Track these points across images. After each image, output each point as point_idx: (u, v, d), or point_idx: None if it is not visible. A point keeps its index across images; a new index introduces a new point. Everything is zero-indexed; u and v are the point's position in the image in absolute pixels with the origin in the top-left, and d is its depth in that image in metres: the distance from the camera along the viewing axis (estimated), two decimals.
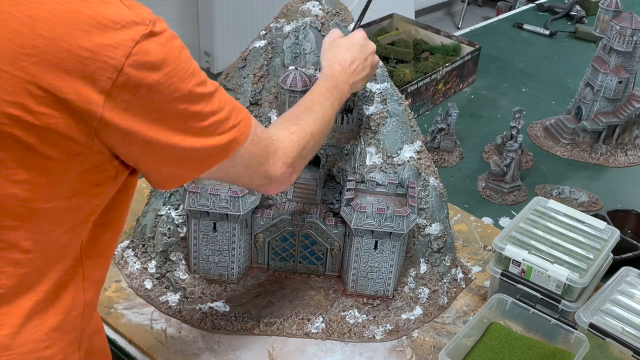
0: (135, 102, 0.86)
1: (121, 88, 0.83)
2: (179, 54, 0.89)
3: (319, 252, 1.53)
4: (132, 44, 0.83)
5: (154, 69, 0.85)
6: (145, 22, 0.85)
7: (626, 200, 2.00)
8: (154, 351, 1.39)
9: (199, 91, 0.92)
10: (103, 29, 0.82)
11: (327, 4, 1.52)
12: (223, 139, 0.97)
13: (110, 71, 0.82)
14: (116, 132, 0.86)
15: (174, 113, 0.90)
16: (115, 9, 0.84)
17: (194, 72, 0.91)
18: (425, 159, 1.56)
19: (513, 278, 1.49)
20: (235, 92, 1.52)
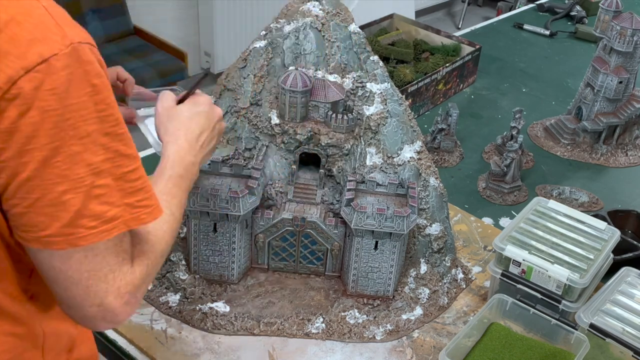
0: (21, 125, 0.77)
1: (10, 102, 0.76)
2: (91, 91, 0.80)
3: (319, 252, 1.53)
4: (37, 58, 0.76)
5: (54, 94, 0.77)
6: (65, 43, 0.78)
7: (626, 200, 2.00)
8: (154, 351, 1.39)
9: (105, 141, 0.82)
10: (12, 35, 0.76)
11: (327, 4, 1.52)
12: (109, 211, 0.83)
13: (2, 80, 0.75)
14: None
15: (64, 153, 0.79)
16: (37, 19, 0.78)
17: (106, 119, 0.81)
18: (425, 159, 1.56)
19: (513, 278, 1.49)
20: (235, 92, 1.52)
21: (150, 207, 0.89)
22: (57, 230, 0.82)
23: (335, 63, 1.50)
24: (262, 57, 1.51)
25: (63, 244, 0.83)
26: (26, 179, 0.79)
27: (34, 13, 0.78)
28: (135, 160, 0.87)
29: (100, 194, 0.83)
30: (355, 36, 1.53)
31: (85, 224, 0.83)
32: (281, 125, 1.47)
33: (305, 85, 1.43)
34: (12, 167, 0.79)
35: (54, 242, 0.83)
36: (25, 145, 0.78)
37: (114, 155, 0.83)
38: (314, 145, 1.48)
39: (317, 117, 1.48)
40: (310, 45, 1.49)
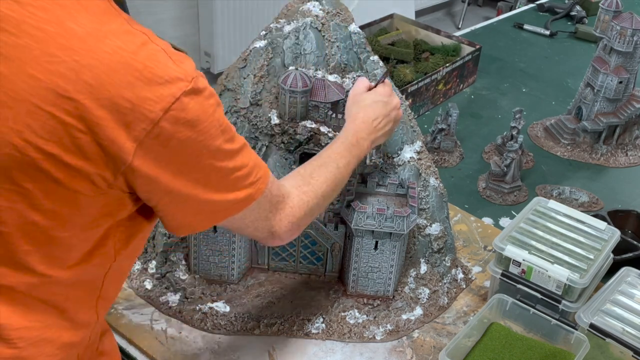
0: (164, 153, 0.88)
1: (153, 139, 0.86)
2: (213, 111, 0.91)
3: (319, 252, 1.53)
4: (171, 99, 0.86)
5: (188, 125, 0.88)
6: (187, 79, 0.88)
7: (626, 200, 2.00)
8: (154, 351, 1.39)
9: (226, 148, 0.95)
10: (147, 82, 0.84)
11: (327, 4, 1.52)
12: (240, 194, 1.00)
13: (146, 122, 0.85)
14: (141, 178, 0.89)
15: (199, 167, 0.93)
16: (162, 63, 0.87)
17: (224, 129, 0.94)
18: (425, 159, 1.56)
19: (513, 278, 1.49)
20: (235, 92, 1.52)
21: (262, 175, 1.03)
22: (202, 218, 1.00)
23: (335, 63, 1.50)
24: (262, 57, 1.51)
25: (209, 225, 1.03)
26: (175, 192, 0.93)
27: (158, 57, 0.87)
28: (244, 146, 1.00)
29: (233, 185, 0.98)
30: (355, 36, 1.53)
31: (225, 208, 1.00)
32: (281, 125, 1.47)
33: (305, 85, 1.43)
34: (162, 188, 0.92)
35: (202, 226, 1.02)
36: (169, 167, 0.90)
37: (234, 154, 0.97)
38: (314, 145, 1.48)
39: (317, 117, 1.48)
40: (310, 45, 1.49)
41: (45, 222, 0.88)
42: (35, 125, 0.82)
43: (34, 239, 0.89)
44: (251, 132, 1.50)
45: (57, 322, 0.96)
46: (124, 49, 0.84)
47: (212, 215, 1.01)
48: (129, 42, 0.86)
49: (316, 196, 1.17)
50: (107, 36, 0.84)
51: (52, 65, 0.82)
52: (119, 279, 1.06)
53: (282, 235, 1.13)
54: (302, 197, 1.15)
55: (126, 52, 0.84)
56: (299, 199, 1.14)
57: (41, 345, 0.94)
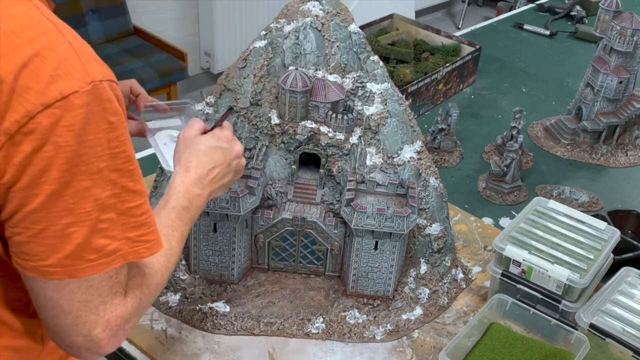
0: (35, 159, 0.77)
1: (26, 136, 0.76)
2: (107, 128, 0.80)
3: (319, 252, 1.53)
4: (57, 95, 0.76)
5: (70, 131, 0.77)
6: (86, 80, 0.78)
7: (626, 200, 2.00)
8: (154, 351, 1.39)
9: (114, 178, 0.82)
10: (34, 71, 0.76)
11: (327, 4, 1.52)
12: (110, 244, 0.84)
13: (21, 114, 0.76)
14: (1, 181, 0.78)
15: (73, 188, 0.80)
16: (61, 55, 0.78)
17: (118, 156, 0.82)
18: (425, 159, 1.56)
19: (513, 278, 1.49)
20: (235, 92, 1.52)
21: (151, 242, 0.89)
22: (57, 261, 0.82)
23: (335, 63, 1.50)
24: (262, 57, 1.51)
25: (61, 275, 0.83)
26: (33, 210, 0.80)
27: (58, 49, 0.78)
28: (142, 195, 0.87)
29: (104, 228, 0.83)
30: (355, 36, 1.53)
31: (85, 256, 0.83)
32: (281, 125, 1.47)
33: (305, 85, 1.43)
34: (20, 198, 0.79)
35: (52, 272, 0.83)
36: (36, 179, 0.78)
37: (121, 191, 0.84)
38: (314, 145, 1.49)
39: (317, 117, 1.48)
40: (310, 45, 1.49)
41: None
42: None
43: None
44: (251, 132, 1.51)
45: None
46: (18, 34, 0.77)
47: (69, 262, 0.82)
48: (27, 28, 0.78)
49: (150, 292, 0.96)
50: (2, 19, 0.77)
51: None
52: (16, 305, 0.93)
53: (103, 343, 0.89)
54: (135, 294, 0.93)
55: (19, 37, 0.77)
56: (132, 295, 0.92)
57: None
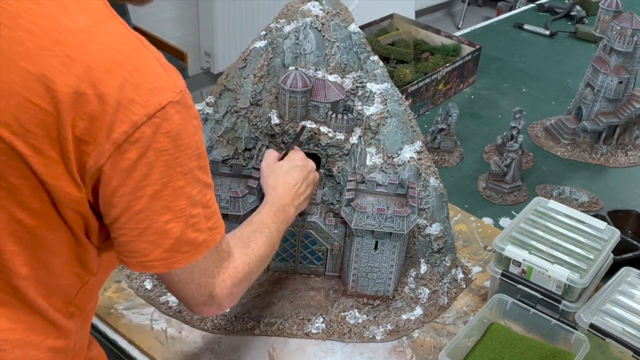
0: (139, 165, 0.86)
1: (132, 144, 0.84)
2: (194, 132, 0.90)
3: (319, 252, 1.53)
4: (157, 106, 0.85)
5: (168, 136, 0.86)
6: (176, 90, 0.87)
7: (626, 200, 2.00)
8: (154, 351, 1.39)
9: (199, 175, 0.92)
10: (136, 85, 0.84)
11: (327, 4, 1.52)
12: (199, 237, 0.95)
13: (128, 125, 0.83)
14: (108, 185, 0.86)
15: (171, 187, 0.89)
16: (153, 70, 0.86)
17: (201, 155, 0.92)
18: (425, 159, 1.56)
19: (513, 278, 1.49)
20: (235, 92, 1.52)
21: (220, 225, 0.99)
22: (157, 256, 0.93)
23: (335, 63, 1.50)
24: (262, 57, 1.51)
25: (161, 268, 0.94)
26: (137, 211, 0.88)
27: (150, 64, 0.86)
28: (212, 187, 0.97)
29: (195, 222, 0.93)
30: (355, 36, 1.53)
31: (181, 249, 0.93)
32: (281, 125, 1.47)
33: (305, 85, 1.43)
34: (125, 201, 0.88)
35: (154, 266, 0.94)
36: (140, 182, 0.87)
37: (203, 186, 0.94)
38: (314, 145, 1.49)
39: (317, 117, 1.48)
40: (310, 45, 1.49)
41: (30, 221, 0.88)
42: (24, 118, 0.82)
43: (20, 238, 0.88)
44: (251, 132, 1.50)
45: (41, 326, 0.95)
46: (117, 50, 0.84)
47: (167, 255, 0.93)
48: (123, 44, 0.85)
49: (256, 259, 1.12)
50: (101, 35, 0.84)
51: (43, 58, 0.81)
52: (93, 292, 1.04)
53: (222, 300, 1.04)
54: (244, 259, 1.09)
55: (119, 53, 0.84)
56: (241, 259, 1.08)
57: (26, 348, 0.94)
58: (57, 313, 0.97)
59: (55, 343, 0.98)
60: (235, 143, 1.51)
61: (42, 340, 0.96)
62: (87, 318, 1.08)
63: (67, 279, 0.96)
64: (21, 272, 0.90)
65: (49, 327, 0.97)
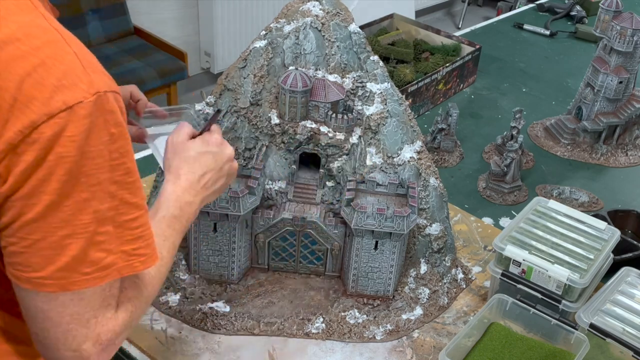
0: (37, 169, 0.77)
1: (29, 145, 0.76)
2: (109, 140, 0.80)
3: (319, 252, 1.53)
4: (62, 106, 0.76)
5: (72, 141, 0.77)
6: (90, 91, 0.78)
7: (626, 200, 2.00)
8: (154, 351, 1.39)
9: (114, 190, 0.82)
10: (38, 80, 0.76)
11: (327, 4, 1.52)
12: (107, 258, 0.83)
13: (24, 124, 0.75)
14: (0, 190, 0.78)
15: (73, 199, 0.79)
16: (66, 65, 0.78)
17: (117, 167, 0.82)
18: (425, 159, 1.56)
19: (513, 278, 1.49)
20: (235, 92, 1.52)
21: (145, 255, 0.88)
22: (51, 274, 0.81)
23: (335, 63, 1.50)
24: (262, 57, 1.51)
25: (54, 287, 0.82)
26: (30, 220, 0.79)
27: (64, 58, 0.78)
28: (139, 208, 0.86)
29: (100, 240, 0.82)
30: (355, 36, 1.53)
31: (80, 269, 0.82)
32: (281, 125, 1.47)
33: (305, 85, 1.43)
34: (18, 207, 0.79)
35: (45, 284, 0.82)
36: (36, 188, 0.78)
37: (119, 203, 0.83)
38: (314, 145, 1.49)
39: (317, 117, 1.48)
40: (310, 45, 1.49)
41: None
42: None
43: None
44: (251, 132, 1.51)
45: None
46: (24, 42, 0.77)
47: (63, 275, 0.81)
48: (33, 36, 0.78)
49: (140, 305, 0.95)
50: (8, 25, 0.78)
51: None
52: None
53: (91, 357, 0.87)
54: (127, 306, 0.92)
55: (25, 45, 0.77)
56: (126, 308, 0.91)
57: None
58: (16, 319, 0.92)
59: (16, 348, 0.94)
60: (235, 143, 1.51)
61: None
62: None
63: None
64: None
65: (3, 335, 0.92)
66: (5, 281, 0.87)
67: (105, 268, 0.84)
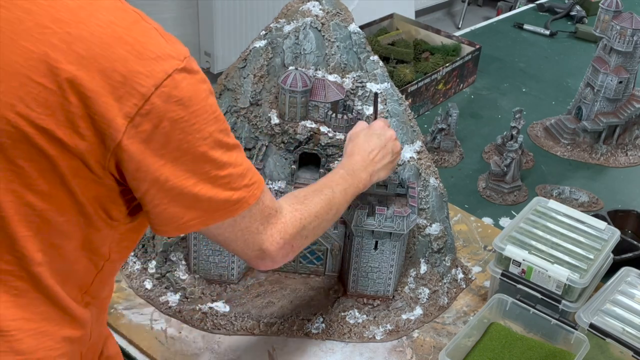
0: (155, 134, 0.86)
1: (144, 116, 0.84)
2: (206, 96, 0.90)
3: (318, 252, 1.53)
4: (163, 75, 0.84)
5: (180, 104, 0.86)
6: (180, 58, 0.87)
7: (626, 200, 2.00)
8: (154, 351, 1.39)
9: (220, 138, 0.92)
10: (138, 56, 0.84)
11: (327, 4, 1.52)
12: (234, 195, 0.95)
13: (137, 97, 0.83)
14: (130, 160, 0.86)
15: (191, 153, 0.89)
16: (154, 40, 0.86)
17: (218, 118, 0.92)
18: (425, 159, 1.56)
19: (513, 278, 1.49)
20: (235, 92, 1.52)
21: (258, 181, 0.99)
22: (193, 216, 0.94)
23: (335, 63, 1.50)
24: (262, 57, 1.51)
25: (198, 226, 0.96)
26: (164, 180, 0.89)
27: (150, 34, 0.86)
28: (238, 146, 0.97)
29: (226, 182, 0.94)
30: (355, 36, 1.53)
31: (217, 207, 0.95)
32: (281, 125, 1.47)
33: (305, 85, 1.43)
34: (151, 174, 0.88)
35: (190, 225, 0.95)
36: (160, 152, 0.87)
37: (227, 149, 0.94)
38: (313, 145, 1.49)
39: (317, 117, 1.48)
40: (310, 45, 1.49)
41: (40, 204, 0.87)
42: (28, 98, 0.81)
43: (31, 222, 0.88)
44: (251, 132, 1.51)
45: (56, 315, 0.95)
46: (116, 24, 0.84)
47: (202, 215, 0.95)
48: (121, 18, 0.85)
49: (309, 215, 1.12)
50: (99, 10, 0.84)
51: (43, 37, 0.81)
52: (107, 279, 1.04)
53: (273, 254, 1.06)
54: (294, 214, 1.10)
55: (118, 26, 0.84)
56: (292, 215, 1.09)
57: (40, 338, 0.93)
58: (73, 302, 0.97)
59: (71, 333, 0.97)
60: None
61: (57, 329, 0.95)
62: (103, 308, 1.07)
63: (81, 265, 0.95)
64: (36, 258, 0.90)
65: (64, 317, 0.96)
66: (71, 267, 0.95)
67: (236, 202, 0.96)
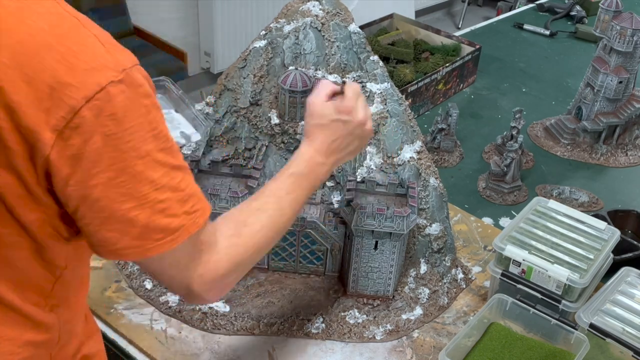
0: (85, 151, 0.80)
1: (74, 130, 0.79)
2: (146, 111, 0.84)
3: (318, 252, 1.53)
4: (96, 87, 0.79)
5: (113, 119, 0.81)
6: (117, 69, 0.81)
7: (626, 200, 2.00)
8: (154, 351, 1.39)
9: (160, 157, 0.86)
10: (69, 66, 0.79)
11: (327, 4, 1.53)
12: (173, 222, 0.88)
13: (65, 110, 0.78)
14: (58, 176, 0.82)
15: (127, 174, 0.83)
16: (90, 49, 0.81)
17: (159, 136, 0.86)
18: (425, 159, 1.56)
19: (513, 278, 1.49)
20: (235, 92, 1.52)
21: (201, 209, 0.93)
22: (128, 244, 0.87)
23: (335, 63, 1.50)
24: (262, 57, 1.51)
25: (134, 256, 0.89)
26: (95, 200, 0.83)
27: (87, 42, 0.81)
28: (183, 169, 0.90)
29: (164, 207, 0.87)
30: (355, 36, 1.53)
31: (152, 236, 0.88)
32: (281, 125, 1.47)
33: (305, 85, 1.43)
34: (80, 191, 0.83)
35: (126, 254, 0.89)
36: (91, 170, 0.82)
37: (169, 169, 0.87)
38: None
39: None
40: (310, 45, 1.49)
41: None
42: None
43: None
44: (251, 132, 1.51)
45: (14, 321, 0.93)
46: (48, 32, 0.80)
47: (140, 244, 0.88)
48: (55, 25, 0.81)
49: (247, 249, 1.01)
50: (30, 17, 0.80)
51: None
52: (72, 284, 0.99)
53: (202, 295, 0.97)
54: (229, 251, 0.99)
55: (50, 34, 0.79)
56: (226, 252, 0.98)
57: (1, 343, 0.92)
58: (34, 307, 0.94)
59: (34, 337, 0.95)
60: (235, 143, 1.51)
61: (19, 334, 0.93)
62: (75, 310, 1.04)
63: (35, 273, 0.92)
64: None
65: (25, 322, 0.94)
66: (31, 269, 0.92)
67: (175, 231, 0.89)
